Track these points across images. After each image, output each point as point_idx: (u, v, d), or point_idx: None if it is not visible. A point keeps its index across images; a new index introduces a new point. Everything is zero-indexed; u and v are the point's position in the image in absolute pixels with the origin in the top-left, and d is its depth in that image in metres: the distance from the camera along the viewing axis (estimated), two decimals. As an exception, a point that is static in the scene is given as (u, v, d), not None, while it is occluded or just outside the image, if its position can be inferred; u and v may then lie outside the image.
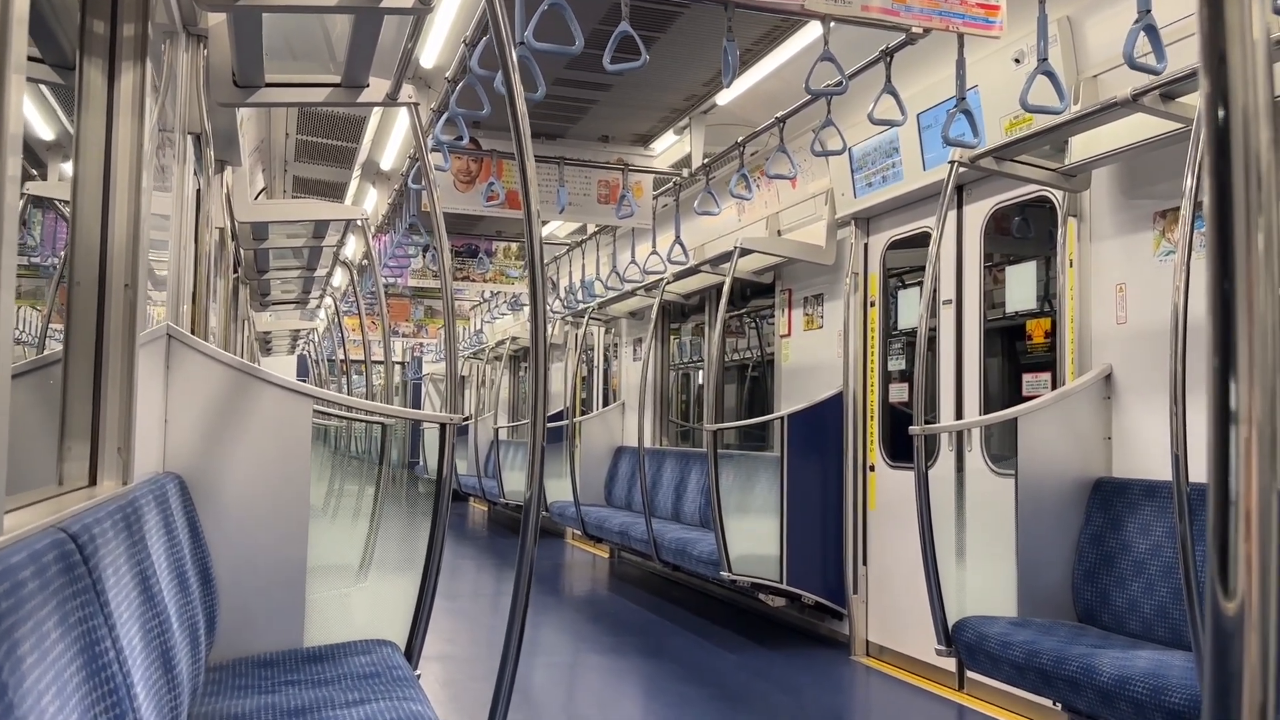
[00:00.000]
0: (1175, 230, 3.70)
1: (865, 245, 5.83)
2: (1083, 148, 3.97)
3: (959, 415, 4.95)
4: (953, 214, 4.99)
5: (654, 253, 6.91)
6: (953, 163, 4.05)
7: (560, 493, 8.94)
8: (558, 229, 9.85)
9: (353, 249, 8.61)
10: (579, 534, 9.22)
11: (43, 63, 3.04)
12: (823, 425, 5.86)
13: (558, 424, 9.02)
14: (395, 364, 12.01)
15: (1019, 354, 4.96)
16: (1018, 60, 4.30)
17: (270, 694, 2.68)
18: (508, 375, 13.66)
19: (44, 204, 4.43)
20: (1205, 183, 0.79)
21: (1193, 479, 2.93)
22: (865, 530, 5.71)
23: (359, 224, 6.08)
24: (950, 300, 5.06)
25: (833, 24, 3.25)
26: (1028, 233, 4.77)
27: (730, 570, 5.73)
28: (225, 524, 3.10)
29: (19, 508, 1.88)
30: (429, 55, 5.63)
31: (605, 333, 10.48)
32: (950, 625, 3.78)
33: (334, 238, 7.43)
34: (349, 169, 7.57)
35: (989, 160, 3.99)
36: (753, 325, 8.18)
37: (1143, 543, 3.64)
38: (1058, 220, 4.33)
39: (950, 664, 4.52)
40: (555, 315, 9.79)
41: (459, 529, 12.88)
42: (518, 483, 10.98)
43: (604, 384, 10.59)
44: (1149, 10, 3.06)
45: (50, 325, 4.27)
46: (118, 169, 2.51)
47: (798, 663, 5.51)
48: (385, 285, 7.80)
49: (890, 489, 5.51)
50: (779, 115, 4.70)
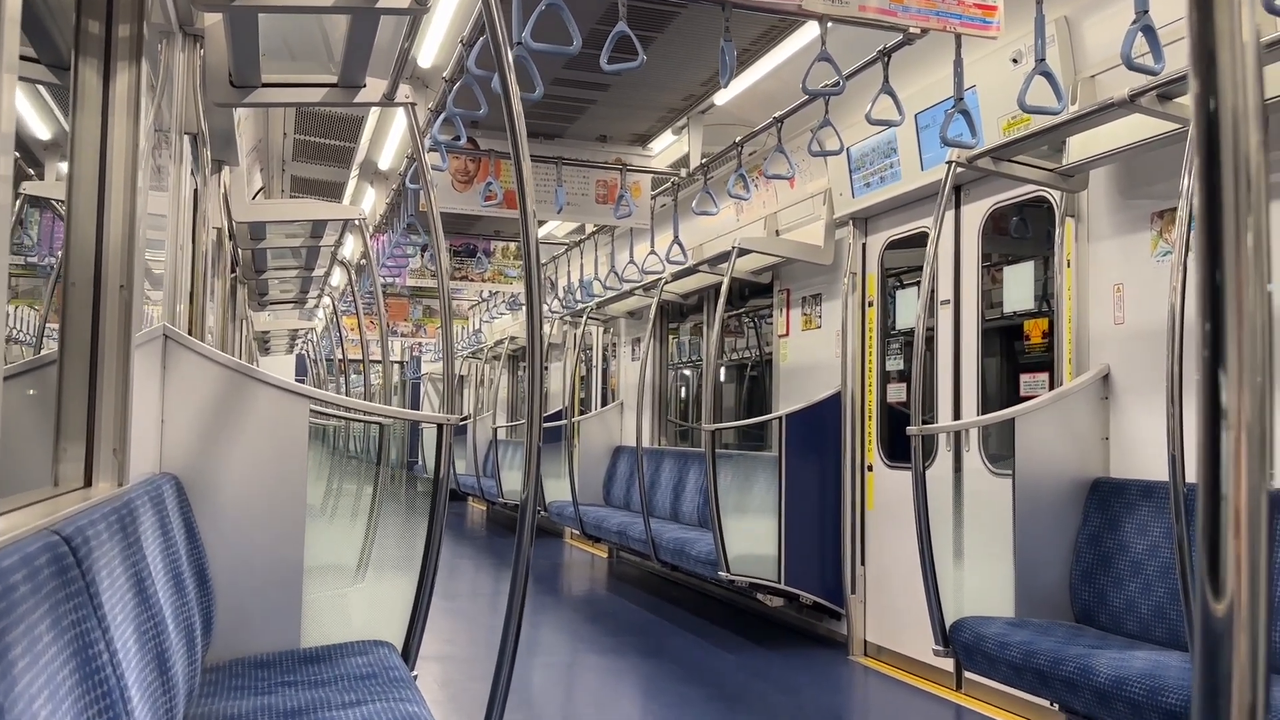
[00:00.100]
0: (1173, 230, 3.69)
1: (863, 245, 5.83)
2: (1080, 148, 3.97)
3: (957, 415, 4.95)
4: (950, 214, 4.99)
5: (652, 253, 6.90)
6: (950, 163, 4.05)
7: (559, 492, 8.94)
8: (556, 229, 9.85)
9: (351, 249, 8.61)
10: (577, 534, 9.21)
11: (38, 62, 3.03)
12: (821, 425, 5.86)
13: (556, 424, 9.01)
14: (394, 363, 12.00)
15: (1017, 354, 4.96)
16: (1015, 60, 4.30)
17: (267, 695, 2.68)
18: (506, 375, 13.67)
19: (41, 204, 4.43)
20: (1195, 184, 0.79)
21: (1190, 479, 2.93)
22: (863, 530, 5.71)
23: (357, 224, 6.08)
24: (948, 300, 5.06)
25: (830, 24, 3.25)
26: (1025, 233, 4.77)
27: (728, 570, 5.73)
28: (222, 525, 3.10)
29: (12, 510, 1.87)
30: (426, 55, 5.63)
31: (604, 332, 10.48)
32: (948, 625, 3.78)
33: (332, 237, 7.44)
34: (347, 169, 7.56)
35: (987, 160, 3.99)
36: (751, 325, 8.18)
37: (1140, 543, 3.64)
38: (1055, 220, 4.33)
39: (948, 664, 4.52)
40: (553, 315, 9.79)
41: (457, 529, 12.89)
42: (516, 482, 10.96)
43: (602, 384, 10.59)
44: (1147, 11, 3.05)
45: (47, 325, 4.27)
46: (113, 169, 2.50)
47: (796, 663, 5.51)
48: (383, 285, 7.81)
49: (888, 489, 5.51)
50: (777, 115, 4.70)
